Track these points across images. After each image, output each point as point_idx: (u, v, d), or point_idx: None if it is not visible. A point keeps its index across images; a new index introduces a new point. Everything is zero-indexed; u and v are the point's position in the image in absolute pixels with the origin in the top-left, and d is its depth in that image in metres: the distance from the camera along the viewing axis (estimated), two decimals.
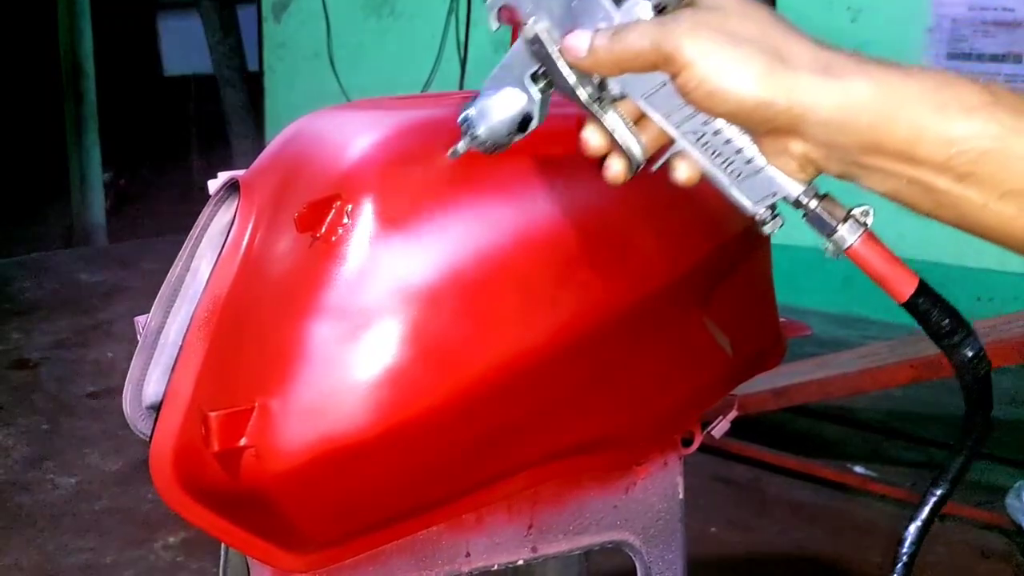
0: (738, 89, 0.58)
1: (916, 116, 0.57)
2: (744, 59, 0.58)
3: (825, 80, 0.58)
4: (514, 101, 0.70)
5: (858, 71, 0.58)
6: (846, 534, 2.64)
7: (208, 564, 2.32)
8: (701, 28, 0.59)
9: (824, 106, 0.58)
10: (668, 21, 0.61)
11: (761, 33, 0.59)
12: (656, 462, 1.00)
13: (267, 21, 5.66)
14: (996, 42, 3.84)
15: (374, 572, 0.87)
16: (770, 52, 0.58)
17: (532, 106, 0.70)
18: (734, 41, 0.59)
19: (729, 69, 0.58)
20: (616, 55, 0.62)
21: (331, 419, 0.76)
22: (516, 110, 0.70)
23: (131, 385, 0.93)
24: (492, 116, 0.70)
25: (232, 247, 0.84)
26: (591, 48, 0.63)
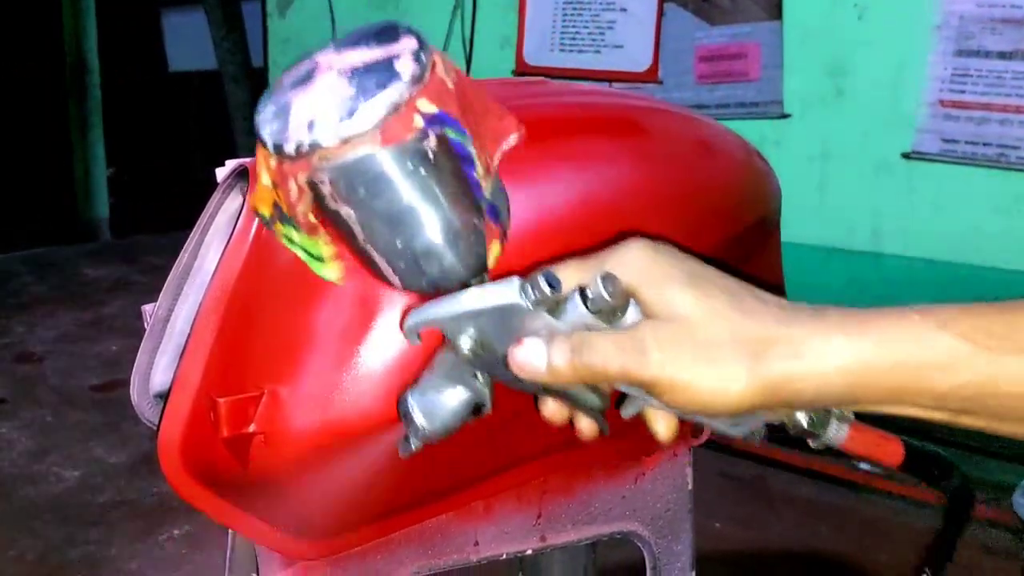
0: (727, 403, 0.57)
1: (895, 380, 0.57)
2: (725, 374, 0.57)
3: (800, 364, 0.57)
4: (459, 394, 0.67)
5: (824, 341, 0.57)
6: (852, 531, 2.64)
7: (213, 556, 2.33)
8: (672, 352, 0.57)
9: (806, 390, 0.57)
10: (632, 345, 0.58)
11: (726, 328, 0.58)
12: (665, 452, 1.00)
13: (271, 17, 5.65)
14: (1004, 39, 3.82)
15: (382, 560, 0.86)
16: (744, 351, 0.57)
17: (482, 396, 0.67)
18: (708, 356, 0.57)
19: (712, 388, 0.57)
20: (579, 374, 0.60)
21: (340, 406, 0.75)
22: (465, 400, 0.67)
23: (138, 374, 0.93)
24: (440, 411, 0.67)
25: (241, 234, 0.83)
26: (549, 367, 0.60)
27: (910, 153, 3.48)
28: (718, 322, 0.58)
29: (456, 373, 0.66)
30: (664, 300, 0.59)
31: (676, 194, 0.91)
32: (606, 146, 0.89)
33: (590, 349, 0.59)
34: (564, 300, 0.62)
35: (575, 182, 0.85)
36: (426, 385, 0.67)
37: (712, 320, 0.58)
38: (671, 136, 0.97)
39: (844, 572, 2.48)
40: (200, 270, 0.92)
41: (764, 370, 0.57)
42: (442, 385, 0.66)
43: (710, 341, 0.57)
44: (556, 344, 0.60)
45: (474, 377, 0.66)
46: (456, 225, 0.64)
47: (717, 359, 0.57)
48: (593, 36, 4.46)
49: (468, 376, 0.66)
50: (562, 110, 0.93)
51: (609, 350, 0.59)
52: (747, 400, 0.57)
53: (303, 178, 0.63)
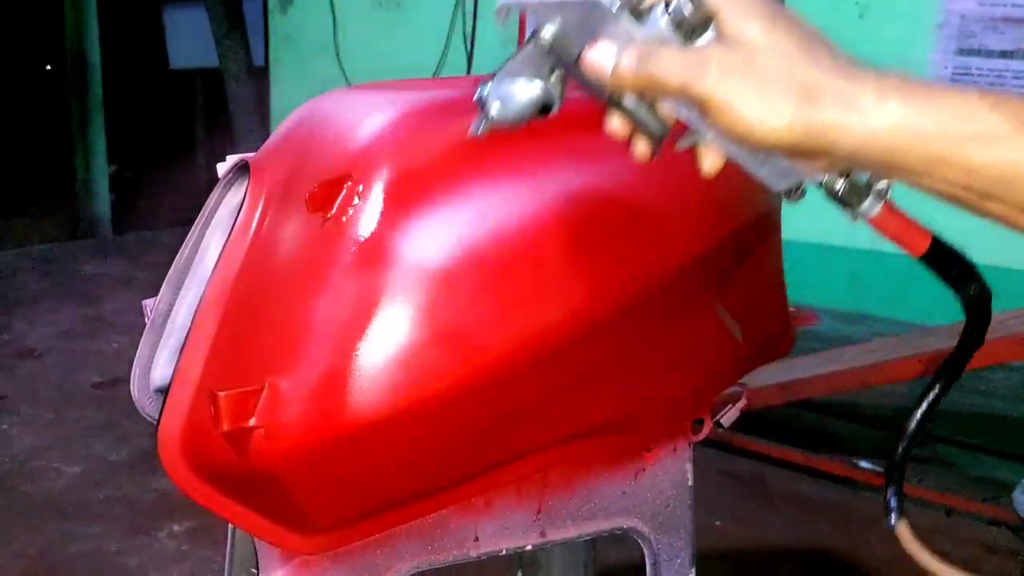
0: (768, 135, 0.60)
1: (934, 147, 0.59)
2: (772, 107, 0.59)
3: (848, 116, 0.59)
4: (534, 88, 0.69)
5: (880, 101, 0.59)
6: (852, 528, 2.63)
7: (213, 552, 2.32)
8: (729, 74, 0.60)
9: (847, 142, 0.60)
10: (696, 62, 0.61)
11: (788, 67, 0.60)
12: (666, 448, 1.00)
13: (273, 14, 5.65)
14: (1005, 38, 3.82)
15: (382, 554, 0.86)
16: (797, 91, 0.59)
17: (552, 95, 0.69)
18: (761, 87, 0.60)
19: (758, 117, 0.59)
20: (641, 82, 0.62)
21: (340, 399, 0.75)
22: (536, 96, 0.69)
23: (139, 368, 0.93)
24: (513, 101, 0.69)
25: (242, 228, 0.84)
26: (615, 70, 0.62)
27: None
28: (781, 59, 0.60)
29: (534, 67, 0.68)
30: (739, 27, 0.61)
31: (678, 188, 0.91)
32: (604, 141, 0.89)
33: (656, 59, 0.61)
34: (647, 11, 0.63)
35: (573, 178, 0.85)
36: (503, 74, 0.69)
37: (776, 56, 0.60)
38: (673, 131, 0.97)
39: (844, 569, 2.48)
40: (201, 264, 0.92)
41: (811, 113, 0.59)
42: (519, 76, 0.68)
43: (767, 74, 0.60)
44: (627, 50, 0.62)
45: (549, 74, 0.68)
46: None
47: (768, 91, 0.59)
48: None
49: (544, 72, 0.68)
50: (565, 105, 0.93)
51: (673, 62, 0.61)
52: (786, 136, 0.60)
53: None
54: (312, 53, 5.47)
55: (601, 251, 0.84)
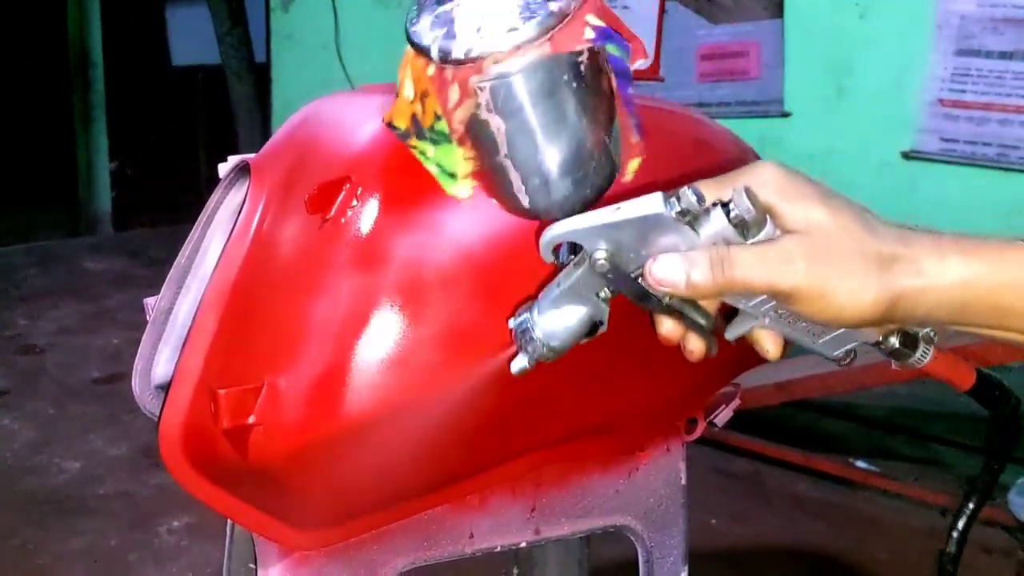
0: (856, 314, 0.62)
1: (1001, 299, 0.62)
2: (858, 286, 0.61)
3: (918, 280, 0.62)
4: (582, 312, 0.68)
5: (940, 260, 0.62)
6: (848, 528, 2.65)
7: (211, 548, 2.34)
8: (815, 263, 0.61)
9: (922, 305, 0.62)
10: (779, 257, 0.61)
11: (858, 244, 0.62)
12: (659, 447, 1.01)
13: (275, 12, 5.66)
14: (1005, 39, 3.83)
15: (378, 551, 0.88)
16: (874, 266, 0.61)
17: (600, 313, 0.68)
18: (844, 268, 0.61)
19: (848, 298, 0.61)
20: (720, 287, 0.62)
21: (338, 398, 0.76)
22: (584, 318, 0.68)
23: (140, 365, 0.94)
24: (559, 328, 0.68)
25: (242, 228, 0.85)
26: (689, 283, 0.62)
27: (910, 152, 3.48)
28: (850, 237, 0.62)
29: (577, 291, 0.67)
30: (801, 215, 0.62)
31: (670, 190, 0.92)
32: None
33: (733, 263, 0.61)
34: (702, 215, 0.62)
35: None
36: (545, 303, 0.68)
37: (845, 235, 0.62)
38: (665, 133, 0.98)
39: (840, 569, 2.49)
40: (202, 264, 0.93)
41: (890, 283, 0.61)
42: (562, 303, 0.67)
43: (846, 254, 0.61)
44: (696, 259, 0.62)
45: (596, 295, 0.67)
46: (596, 143, 0.67)
47: (854, 271, 0.61)
48: None
49: (589, 294, 0.67)
50: None
51: (752, 262, 0.61)
52: (872, 311, 0.62)
53: (473, 81, 0.64)
54: (313, 51, 5.47)
55: None
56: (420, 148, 0.72)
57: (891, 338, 0.69)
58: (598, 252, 0.64)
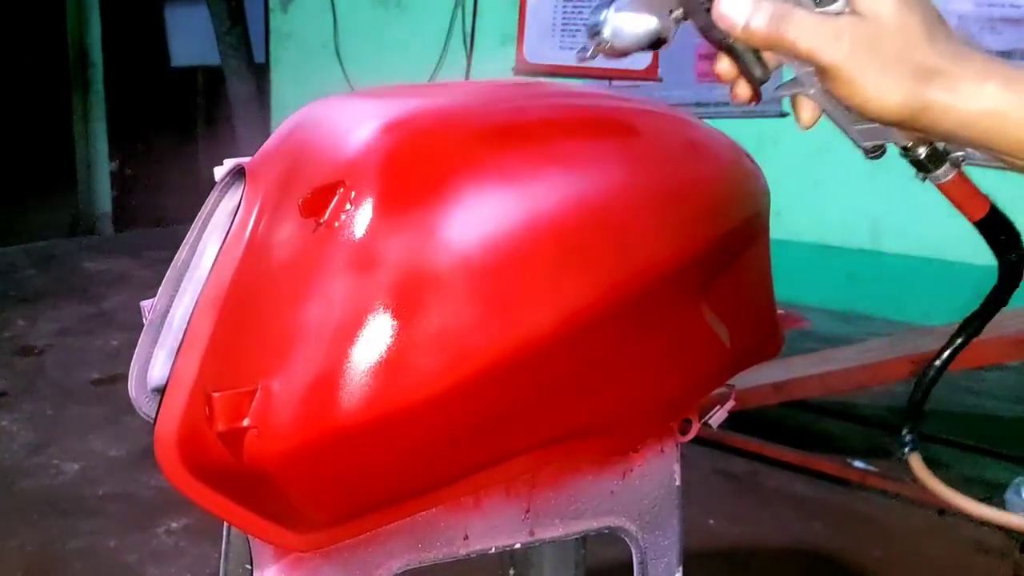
0: (881, 109, 0.65)
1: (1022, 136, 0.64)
2: (891, 85, 0.64)
3: (950, 97, 0.64)
4: (651, 21, 0.71)
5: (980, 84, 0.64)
6: (846, 527, 2.65)
7: (209, 549, 2.35)
8: (858, 49, 0.63)
9: (947, 122, 0.65)
10: (831, 31, 0.64)
11: (910, 48, 0.64)
12: (653, 449, 1.01)
13: (274, 12, 5.67)
14: (1003, 39, 3.83)
15: (373, 552, 0.88)
16: (914, 73, 0.64)
17: (668, 31, 0.71)
18: (885, 65, 0.64)
19: (876, 93, 0.64)
20: (771, 40, 0.65)
21: (331, 401, 0.77)
22: (653, 29, 0.71)
23: (136, 367, 0.94)
24: (631, 29, 0.71)
25: (237, 232, 0.85)
26: (746, 26, 0.65)
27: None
28: (904, 39, 0.64)
29: (654, 2, 0.70)
30: (872, 3, 0.65)
31: (663, 194, 0.93)
32: (593, 147, 0.91)
33: (790, 21, 0.64)
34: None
35: (562, 184, 0.86)
36: (622, 4, 0.71)
37: (902, 36, 0.64)
38: (658, 136, 0.98)
39: (838, 569, 2.50)
40: (198, 267, 0.93)
41: (922, 94, 0.64)
42: (639, 7, 0.70)
43: (893, 53, 0.64)
44: (761, 5, 0.65)
45: (668, 12, 0.70)
46: None
47: (891, 71, 0.64)
48: None
49: (664, 9, 0.70)
50: (548, 112, 0.95)
51: (808, 27, 0.64)
52: (897, 112, 0.65)
53: None
54: (312, 51, 5.48)
55: (588, 256, 0.86)
56: None
57: (920, 147, 0.72)
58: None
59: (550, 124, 0.93)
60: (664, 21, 0.71)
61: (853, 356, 2.85)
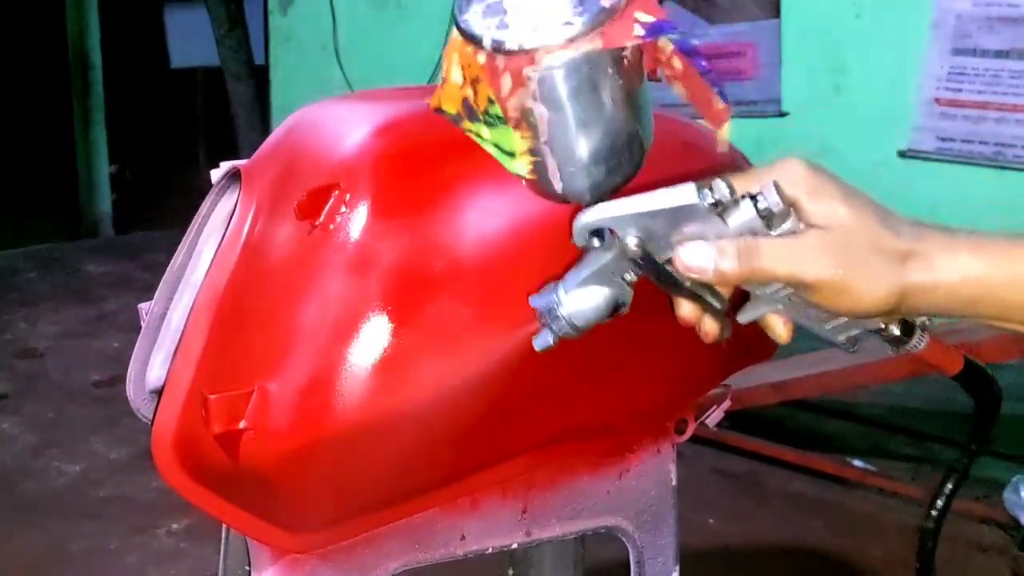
0: (871, 305, 0.65)
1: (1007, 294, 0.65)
2: (877, 281, 0.65)
3: (928, 275, 0.65)
4: (606, 294, 0.70)
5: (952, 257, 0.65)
6: (844, 527, 2.65)
7: (210, 551, 2.34)
8: (839, 256, 0.64)
9: (931, 300, 0.66)
10: (804, 249, 0.65)
11: (878, 241, 0.65)
12: (649, 449, 1.02)
13: (273, 14, 5.66)
14: (1001, 38, 3.83)
15: (370, 554, 0.88)
16: (891, 260, 0.65)
17: (626, 295, 0.71)
18: (865, 263, 0.65)
19: (866, 291, 0.65)
20: (745, 276, 0.65)
21: (327, 403, 0.77)
22: (610, 300, 0.71)
23: (135, 370, 0.95)
24: (585, 307, 0.71)
25: (233, 235, 0.86)
26: (717, 271, 0.65)
27: (906, 151, 3.48)
28: (870, 233, 0.65)
29: (605, 273, 0.69)
30: (824, 211, 0.66)
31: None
32: None
33: (760, 253, 0.64)
34: (731, 206, 0.65)
35: None
36: (571, 283, 0.70)
37: (865, 231, 0.65)
38: None
39: (836, 567, 2.50)
40: (195, 269, 0.94)
41: (903, 278, 0.65)
42: (589, 283, 0.70)
43: (866, 249, 0.65)
44: (724, 248, 0.65)
45: (622, 278, 0.70)
46: (631, 133, 0.69)
47: (872, 266, 0.65)
48: None
49: (616, 277, 0.70)
50: None
51: (781, 254, 0.65)
52: (885, 304, 0.65)
53: (526, 72, 0.66)
54: (312, 53, 5.47)
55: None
56: (475, 131, 0.72)
57: (892, 326, 0.73)
58: (630, 238, 0.67)
59: None
60: (619, 287, 0.70)
61: (851, 356, 2.85)
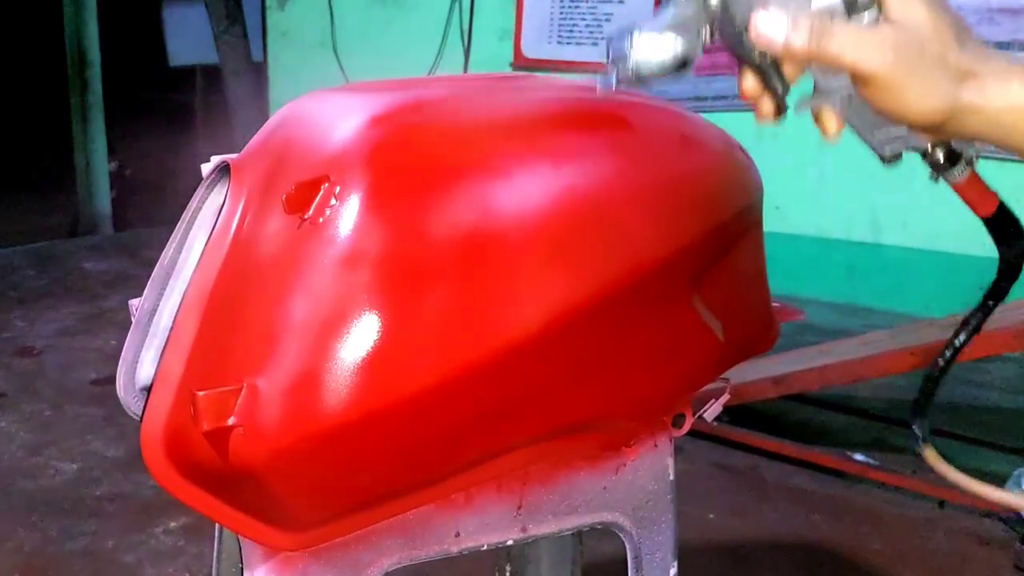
0: (919, 114, 0.66)
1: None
2: (931, 90, 0.65)
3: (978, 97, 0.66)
4: (675, 43, 0.70)
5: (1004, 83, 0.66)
6: (846, 521, 2.65)
7: (208, 549, 2.33)
8: (903, 57, 0.64)
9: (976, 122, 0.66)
10: (873, 42, 0.65)
11: (945, 52, 0.65)
12: (646, 443, 1.01)
13: (271, 10, 5.65)
14: (1001, 30, 3.82)
15: (364, 551, 0.87)
16: (950, 76, 0.65)
17: (696, 52, 0.71)
18: (926, 70, 0.65)
19: (916, 98, 0.65)
20: (812, 55, 0.65)
21: (317, 399, 0.76)
22: (679, 53, 0.71)
23: (125, 367, 0.94)
24: (654, 55, 0.70)
25: (222, 229, 0.85)
26: (787, 43, 0.65)
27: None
28: (940, 43, 0.65)
29: (683, 23, 0.70)
30: (903, 9, 0.66)
31: (654, 186, 0.92)
32: (582, 141, 0.90)
33: (831, 34, 0.65)
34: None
35: (551, 177, 0.85)
36: (648, 26, 0.70)
37: (936, 40, 0.65)
38: (649, 129, 0.97)
39: (837, 561, 2.49)
40: (185, 265, 0.92)
41: (955, 95, 0.65)
42: (664, 30, 0.70)
43: (932, 58, 0.65)
44: (799, 22, 0.65)
45: (696, 33, 0.70)
46: None
47: (931, 75, 0.65)
48: (591, 28, 4.46)
49: (692, 30, 0.70)
50: (537, 105, 0.94)
51: (850, 39, 0.65)
52: (933, 116, 0.66)
53: None
54: (310, 49, 5.47)
55: (577, 250, 0.85)
56: None
57: (938, 150, 0.74)
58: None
59: (539, 117, 0.92)
60: (691, 42, 0.70)
61: (853, 349, 2.84)
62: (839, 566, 2.47)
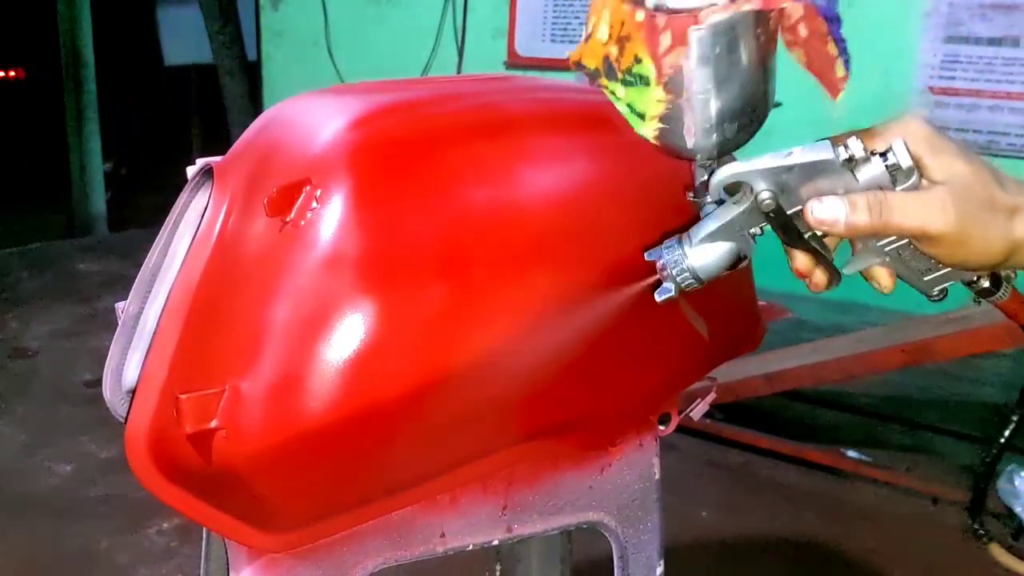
0: (987, 257, 0.69)
1: None
2: (993, 234, 0.68)
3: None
4: (728, 247, 0.73)
5: None
6: (839, 518, 2.65)
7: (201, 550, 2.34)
8: (960, 211, 0.67)
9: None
10: (933, 204, 0.67)
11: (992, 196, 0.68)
12: (632, 443, 1.01)
13: (265, 9, 5.66)
14: (994, 25, 3.83)
15: (349, 552, 0.87)
16: (1004, 216, 0.68)
17: (748, 249, 0.74)
18: (985, 218, 0.68)
19: (984, 244, 0.68)
20: (875, 228, 0.68)
21: (299, 401, 0.76)
22: (733, 254, 0.74)
23: (111, 370, 0.94)
24: (710, 266, 0.74)
25: (205, 232, 0.85)
26: (849, 222, 0.68)
27: None
28: (985, 190, 0.69)
29: (733, 227, 0.72)
30: (945, 168, 0.69)
31: (636, 186, 0.92)
32: (565, 141, 0.90)
33: (891, 207, 0.68)
34: (861, 162, 0.68)
35: (534, 178, 0.86)
36: (698, 237, 0.73)
37: (981, 187, 0.69)
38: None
39: (830, 558, 2.50)
40: (169, 267, 0.92)
41: (1012, 232, 0.69)
42: (716, 237, 0.73)
43: (983, 205, 0.68)
44: (856, 202, 0.68)
45: (747, 232, 0.72)
46: (765, 91, 0.72)
47: (989, 221, 0.68)
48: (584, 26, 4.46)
49: (743, 230, 0.72)
50: (520, 106, 0.94)
51: (911, 208, 0.68)
52: (999, 255, 0.69)
53: (690, 30, 0.67)
54: (304, 48, 5.47)
55: (560, 250, 0.86)
56: (610, 88, 0.73)
57: (983, 279, 0.76)
58: (764, 192, 0.70)
59: (522, 118, 0.92)
60: (743, 240, 0.73)
61: (846, 346, 2.85)
62: (831, 563, 2.47)
